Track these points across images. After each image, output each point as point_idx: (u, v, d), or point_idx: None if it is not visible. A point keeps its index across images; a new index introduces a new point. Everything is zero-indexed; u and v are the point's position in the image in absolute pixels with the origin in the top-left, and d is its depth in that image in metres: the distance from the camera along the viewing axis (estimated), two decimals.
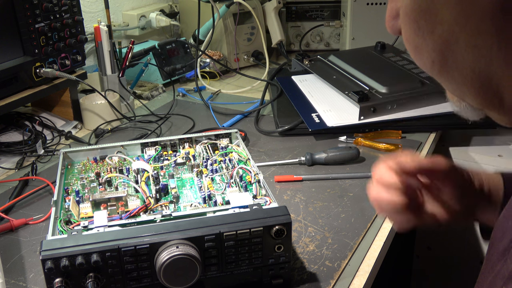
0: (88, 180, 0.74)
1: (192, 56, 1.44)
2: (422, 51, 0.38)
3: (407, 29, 0.38)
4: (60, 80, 1.09)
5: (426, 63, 0.39)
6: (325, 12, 1.63)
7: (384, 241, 0.74)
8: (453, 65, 0.37)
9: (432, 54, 0.37)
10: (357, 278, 0.67)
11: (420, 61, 0.39)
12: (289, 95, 1.16)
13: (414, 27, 0.37)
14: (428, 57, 0.38)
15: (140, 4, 1.59)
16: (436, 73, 0.39)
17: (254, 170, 0.73)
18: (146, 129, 1.10)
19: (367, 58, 1.28)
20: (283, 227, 0.59)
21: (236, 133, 0.87)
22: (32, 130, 1.04)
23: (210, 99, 1.27)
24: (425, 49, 0.38)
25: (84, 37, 1.13)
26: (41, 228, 0.77)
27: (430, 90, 1.09)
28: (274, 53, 1.64)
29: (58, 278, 0.54)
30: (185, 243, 0.56)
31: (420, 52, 0.38)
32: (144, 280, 0.58)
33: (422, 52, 0.38)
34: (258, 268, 0.61)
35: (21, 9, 0.98)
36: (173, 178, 0.75)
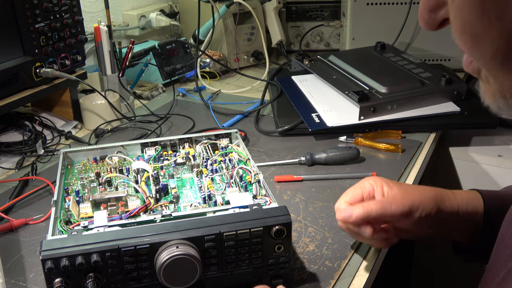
0: (88, 180, 0.74)
1: (192, 56, 1.44)
2: (484, 39, 0.34)
3: (466, 14, 0.34)
4: (60, 80, 1.09)
5: (486, 53, 0.35)
6: (325, 12, 1.63)
7: None
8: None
9: (497, 41, 0.34)
10: (357, 278, 0.67)
11: (477, 52, 0.36)
12: (289, 95, 1.16)
13: (477, 12, 0.33)
14: (491, 45, 0.34)
15: (140, 4, 1.59)
16: (498, 64, 0.35)
17: (254, 170, 0.73)
18: (146, 129, 1.10)
19: (367, 58, 1.28)
20: (283, 227, 0.59)
21: (236, 133, 0.87)
22: (32, 130, 1.04)
23: (210, 99, 1.27)
24: (488, 37, 0.34)
25: (84, 37, 1.13)
26: (41, 228, 0.77)
27: (430, 90, 1.09)
28: (274, 53, 1.64)
29: (58, 278, 0.54)
30: (185, 243, 0.56)
31: (480, 40, 0.34)
32: (144, 280, 0.58)
33: (483, 40, 0.34)
34: (258, 268, 0.61)
35: (21, 9, 0.98)
36: (173, 178, 0.75)
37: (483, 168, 1.13)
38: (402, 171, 0.92)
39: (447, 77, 1.10)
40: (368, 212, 0.65)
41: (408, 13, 1.37)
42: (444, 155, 1.16)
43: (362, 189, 0.69)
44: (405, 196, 0.66)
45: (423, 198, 0.66)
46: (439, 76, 1.12)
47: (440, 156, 1.16)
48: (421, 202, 0.66)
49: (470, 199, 0.69)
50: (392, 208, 0.65)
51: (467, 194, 0.70)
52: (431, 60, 1.42)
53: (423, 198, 0.66)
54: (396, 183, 0.69)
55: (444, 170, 1.18)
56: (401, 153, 0.98)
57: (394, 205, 0.65)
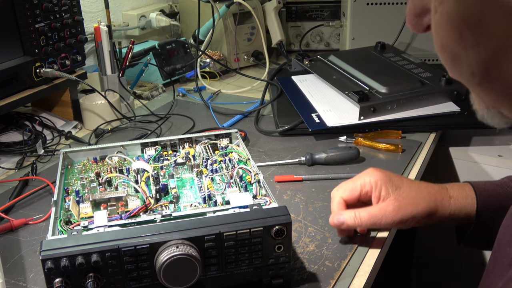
0: (88, 180, 0.74)
1: (192, 56, 1.44)
2: (461, 61, 0.34)
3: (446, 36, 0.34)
4: (60, 80, 1.09)
5: (463, 73, 0.35)
6: (325, 12, 1.63)
7: (384, 241, 0.74)
8: (496, 77, 0.34)
9: (473, 65, 0.34)
10: (357, 278, 0.67)
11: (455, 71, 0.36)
12: (289, 95, 1.16)
13: (455, 36, 0.33)
14: (468, 68, 0.34)
15: (140, 4, 1.59)
16: (474, 84, 0.36)
17: (254, 170, 0.73)
18: (146, 129, 1.10)
19: (367, 58, 1.28)
20: (283, 227, 0.59)
21: (236, 133, 0.87)
22: (32, 130, 1.04)
23: (210, 99, 1.27)
24: (465, 60, 0.34)
25: (84, 37, 1.13)
26: (41, 228, 0.77)
27: (430, 90, 1.09)
28: (274, 53, 1.64)
29: (58, 278, 0.54)
30: (185, 243, 0.56)
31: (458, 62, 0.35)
32: (144, 280, 0.58)
33: (460, 62, 0.35)
34: (258, 268, 0.61)
35: (21, 9, 0.98)
36: (173, 178, 0.75)
37: (483, 168, 1.13)
38: (402, 171, 0.92)
39: (447, 77, 1.10)
40: (358, 224, 0.68)
41: None
42: (444, 155, 1.16)
43: (361, 186, 0.70)
44: (398, 210, 0.67)
45: (416, 212, 0.67)
46: (439, 76, 1.12)
47: (440, 156, 1.16)
48: (413, 216, 0.67)
49: (464, 205, 0.69)
50: (381, 223, 0.68)
51: (463, 199, 0.70)
52: (431, 60, 1.42)
53: (416, 212, 0.67)
54: (396, 186, 0.69)
55: (444, 170, 1.18)
56: (401, 153, 0.98)
57: (384, 220, 0.67)
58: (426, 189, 0.69)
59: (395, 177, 0.70)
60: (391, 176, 0.70)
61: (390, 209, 0.67)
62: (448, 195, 0.70)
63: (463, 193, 0.70)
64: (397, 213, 0.67)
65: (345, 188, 0.71)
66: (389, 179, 0.69)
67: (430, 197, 0.68)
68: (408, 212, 0.67)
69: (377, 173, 0.70)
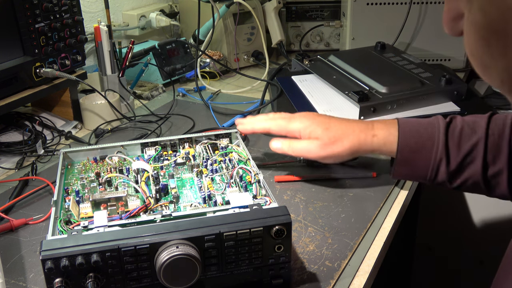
0: (88, 180, 0.74)
1: (192, 56, 1.44)
2: (490, 69, 0.35)
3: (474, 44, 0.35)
4: (60, 80, 1.09)
5: (494, 81, 0.36)
6: (325, 12, 1.63)
7: (384, 241, 0.74)
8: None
9: (502, 73, 0.34)
10: (357, 278, 0.67)
11: (486, 77, 0.36)
12: (289, 95, 1.16)
13: (482, 45, 0.34)
14: (497, 76, 0.35)
15: (140, 4, 1.59)
16: (506, 91, 0.36)
17: (254, 170, 0.73)
18: (146, 129, 1.10)
19: (367, 58, 1.28)
20: (283, 227, 0.59)
21: (236, 133, 0.87)
22: (32, 130, 1.04)
23: (210, 99, 1.27)
24: (493, 68, 0.34)
25: (84, 37, 1.13)
26: (41, 228, 0.77)
27: (430, 90, 1.09)
28: (274, 53, 1.64)
29: (58, 278, 0.54)
30: (185, 243, 0.56)
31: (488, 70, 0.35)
32: (144, 280, 0.58)
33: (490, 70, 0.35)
34: (258, 268, 0.61)
35: (21, 9, 0.98)
36: (173, 178, 0.75)
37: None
38: None
39: (447, 77, 1.10)
40: (290, 153, 0.84)
41: (408, 13, 1.37)
42: None
43: (293, 132, 0.83)
44: (323, 147, 0.79)
45: (339, 150, 0.79)
46: (439, 76, 1.12)
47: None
48: (338, 153, 0.79)
49: (385, 143, 0.79)
50: (310, 155, 0.81)
51: (385, 138, 0.79)
52: (431, 60, 1.42)
53: (340, 150, 0.79)
54: (325, 127, 0.80)
55: None
56: None
57: (312, 154, 0.81)
58: (351, 128, 0.80)
59: (324, 119, 0.82)
60: (320, 118, 0.82)
61: (317, 145, 0.79)
62: (372, 133, 0.79)
63: (386, 132, 0.79)
64: (324, 150, 0.79)
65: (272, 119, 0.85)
66: (318, 122, 0.81)
67: (353, 136, 0.79)
68: (333, 151, 0.79)
69: (308, 119, 0.82)
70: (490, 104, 1.20)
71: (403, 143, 0.77)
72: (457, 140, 0.76)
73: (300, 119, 0.83)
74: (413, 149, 0.77)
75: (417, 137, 0.77)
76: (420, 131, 0.78)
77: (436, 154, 0.75)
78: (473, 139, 0.75)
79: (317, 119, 0.82)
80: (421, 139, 0.77)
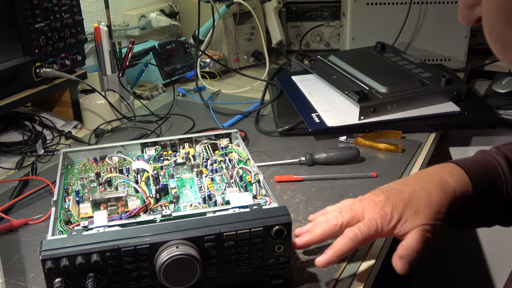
0: (88, 180, 0.74)
1: (192, 56, 1.44)
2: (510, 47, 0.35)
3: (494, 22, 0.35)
4: (60, 80, 1.09)
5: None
6: (325, 12, 1.63)
7: (384, 241, 0.74)
8: None
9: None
10: (357, 278, 0.67)
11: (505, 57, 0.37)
12: (289, 95, 1.16)
13: (503, 22, 0.34)
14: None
15: (140, 4, 1.59)
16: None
17: (254, 170, 0.73)
18: (146, 129, 1.10)
19: (367, 58, 1.28)
20: (283, 227, 0.59)
21: (236, 133, 0.87)
22: (32, 130, 1.04)
23: (210, 99, 1.27)
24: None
25: (84, 37, 1.13)
26: (41, 228, 0.77)
27: (430, 90, 1.09)
28: (274, 53, 1.64)
29: (58, 278, 0.54)
30: (185, 243, 0.56)
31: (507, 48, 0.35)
32: (144, 280, 0.58)
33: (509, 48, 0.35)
34: (258, 268, 0.61)
35: (21, 9, 0.98)
36: (173, 178, 0.75)
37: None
38: (402, 171, 0.92)
39: (447, 77, 1.10)
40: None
41: (408, 13, 1.37)
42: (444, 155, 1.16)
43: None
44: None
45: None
46: (439, 76, 1.12)
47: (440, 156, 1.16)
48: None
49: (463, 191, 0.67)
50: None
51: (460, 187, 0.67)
52: (431, 60, 1.42)
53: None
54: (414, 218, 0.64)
55: None
56: (401, 153, 0.98)
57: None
58: (435, 194, 0.66)
59: (395, 197, 0.66)
60: (393, 199, 0.66)
61: (429, 231, 0.64)
62: (451, 188, 0.67)
63: (462, 185, 0.67)
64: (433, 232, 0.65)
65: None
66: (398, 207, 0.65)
67: (443, 201, 0.66)
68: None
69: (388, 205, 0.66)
70: (490, 104, 1.20)
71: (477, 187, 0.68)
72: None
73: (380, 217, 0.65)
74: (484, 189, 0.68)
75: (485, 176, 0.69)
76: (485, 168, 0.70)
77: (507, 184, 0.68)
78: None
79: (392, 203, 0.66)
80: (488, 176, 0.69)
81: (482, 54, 1.48)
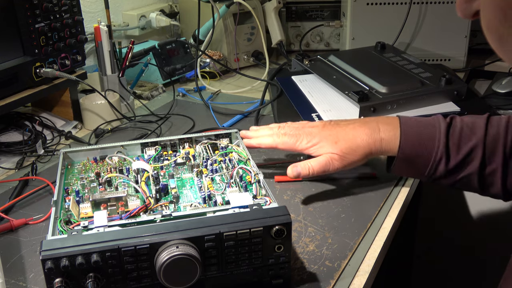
0: (88, 180, 0.74)
1: (192, 56, 1.44)
2: (507, 41, 0.35)
3: (491, 17, 0.35)
4: (60, 80, 1.09)
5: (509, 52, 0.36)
6: (325, 12, 1.63)
7: (384, 241, 0.74)
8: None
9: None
10: (357, 278, 0.67)
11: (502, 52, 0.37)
12: (289, 95, 1.16)
13: (500, 16, 0.34)
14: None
15: (140, 4, 1.59)
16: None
17: (254, 170, 0.73)
18: (146, 129, 1.10)
19: (367, 58, 1.28)
20: (283, 227, 0.59)
21: (236, 133, 0.87)
22: (32, 130, 1.04)
23: (210, 99, 1.27)
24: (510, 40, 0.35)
25: (84, 37, 1.13)
26: (41, 228, 0.77)
27: (430, 90, 1.09)
28: (274, 53, 1.64)
29: (58, 278, 0.54)
30: (185, 243, 0.56)
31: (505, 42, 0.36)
32: (144, 280, 0.58)
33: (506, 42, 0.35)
34: (258, 268, 0.61)
35: (21, 9, 0.98)
36: (173, 178, 0.75)
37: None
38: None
39: (447, 77, 1.10)
40: (311, 174, 0.82)
41: (408, 13, 1.37)
42: None
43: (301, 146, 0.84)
44: (341, 160, 0.80)
45: (356, 159, 0.81)
46: (439, 76, 1.12)
47: None
48: (354, 162, 0.81)
49: (392, 146, 0.80)
50: (329, 170, 0.81)
51: (392, 141, 0.80)
52: (431, 60, 1.42)
53: (356, 159, 0.81)
54: (334, 141, 0.81)
55: None
56: None
57: (331, 168, 0.81)
58: (359, 136, 0.80)
59: (330, 131, 0.82)
60: (326, 131, 0.83)
61: (332, 160, 0.80)
62: (379, 137, 0.80)
63: (392, 135, 0.80)
64: (341, 163, 0.80)
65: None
66: (326, 137, 0.82)
67: (364, 144, 0.80)
68: (349, 161, 0.80)
69: (314, 135, 0.82)
70: (490, 104, 1.20)
71: (405, 144, 0.79)
72: (457, 141, 0.78)
73: (306, 137, 0.83)
74: (415, 149, 0.79)
75: (418, 138, 0.79)
76: (421, 132, 0.79)
77: (437, 154, 0.77)
78: (473, 140, 0.77)
79: (323, 133, 0.82)
80: (422, 140, 0.79)
81: (482, 54, 1.48)
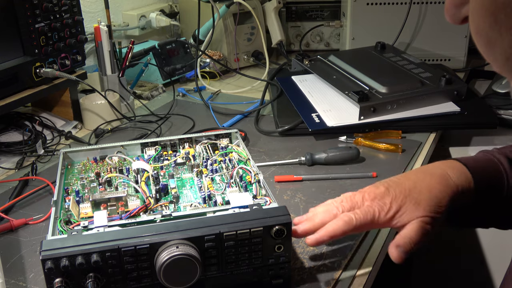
0: (88, 180, 0.74)
1: (192, 56, 1.44)
2: (496, 46, 0.35)
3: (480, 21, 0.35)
4: (60, 80, 1.09)
5: (498, 59, 0.36)
6: (325, 12, 1.63)
7: (384, 241, 0.74)
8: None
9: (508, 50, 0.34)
10: (357, 278, 0.67)
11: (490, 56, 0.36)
12: (289, 95, 1.16)
13: (490, 21, 0.34)
14: (502, 53, 0.35)
15: (140, 4, 1.59)
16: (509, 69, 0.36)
17: (254, 170, 0.73)
18: (146, 129, 1.10)
19: (367, 58, 1.28)
20: (283, 227, 0.59)
21: (236, 133, 0.87)
22: (32, 130, 1.04)
23: (210, 99, 1.27)
24: (499, 45, 0.34)
25: (84, 37, 1.13)
26: (41, 228, 0.77)
27: (430, 90, 1.09)
28: (274, 53, 1.64)
29: (58, 278, 0.54)
30: (185, 243, 0.56)
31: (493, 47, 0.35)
32: (144, 280, 0.58)
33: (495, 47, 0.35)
34: (258, 268, 0.61)
35: (21, 9, 0.98)
36: (173, 178, 0.75)
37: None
38: (402, 171, 0.92)
39: (447, 77, 1.10)
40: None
41: (408, 13, 1.37)
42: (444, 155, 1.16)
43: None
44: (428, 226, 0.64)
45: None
46: (439, 76, 1.12)
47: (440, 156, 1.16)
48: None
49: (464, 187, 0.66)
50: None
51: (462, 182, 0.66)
52: (431, 60, 1.42)
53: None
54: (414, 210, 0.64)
55: None
56: (401, 153, 0.98)
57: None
58: (435, 193, 0.65)
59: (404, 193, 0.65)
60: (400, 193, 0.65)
61: (419, 225, 0.63)
62: (454, 182, 0.66)
63: (464, 181, 0.67)
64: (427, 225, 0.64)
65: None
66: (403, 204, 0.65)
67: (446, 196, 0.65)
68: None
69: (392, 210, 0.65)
70: (490, 104, 1.20)
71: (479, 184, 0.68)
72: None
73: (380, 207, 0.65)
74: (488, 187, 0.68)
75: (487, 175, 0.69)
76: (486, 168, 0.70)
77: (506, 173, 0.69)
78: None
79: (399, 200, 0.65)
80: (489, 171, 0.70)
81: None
